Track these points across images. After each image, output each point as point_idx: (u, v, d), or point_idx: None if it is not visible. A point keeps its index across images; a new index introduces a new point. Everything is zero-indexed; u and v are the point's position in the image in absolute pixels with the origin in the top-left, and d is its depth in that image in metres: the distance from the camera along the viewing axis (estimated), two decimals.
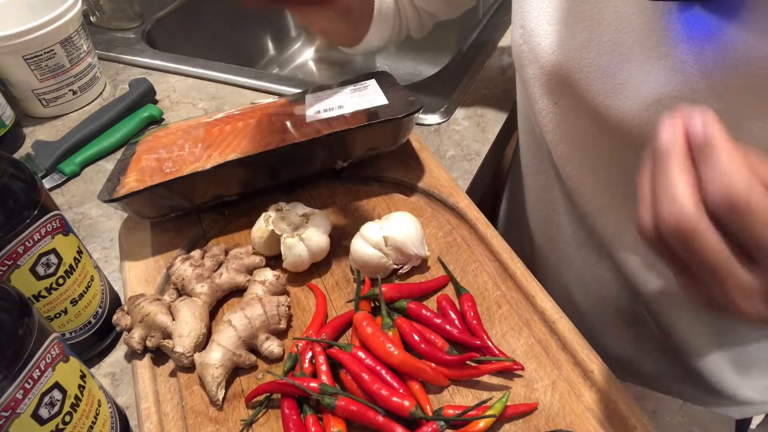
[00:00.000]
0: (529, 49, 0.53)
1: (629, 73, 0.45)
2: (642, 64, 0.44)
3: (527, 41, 0.53)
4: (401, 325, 0.46)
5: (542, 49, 0.51)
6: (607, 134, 0.50)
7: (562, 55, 0.50)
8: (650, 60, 0.44)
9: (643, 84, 0.44)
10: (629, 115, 0.46)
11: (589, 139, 0.52)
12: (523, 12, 0.53)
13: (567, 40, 0.49)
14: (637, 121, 0.46)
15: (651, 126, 0.45)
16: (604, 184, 0.54)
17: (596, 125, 0.50)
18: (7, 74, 0.74)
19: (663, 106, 0.44)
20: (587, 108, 0.49)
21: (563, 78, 0.50)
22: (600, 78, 0.47)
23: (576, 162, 0.55)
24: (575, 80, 0.49)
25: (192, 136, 0.59)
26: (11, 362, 0.32)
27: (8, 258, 0.40)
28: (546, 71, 0.52)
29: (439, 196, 0.58)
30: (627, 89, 0.46)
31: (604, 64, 0.47)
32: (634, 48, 0.44)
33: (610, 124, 0.48)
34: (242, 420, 0.43)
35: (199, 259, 0.52)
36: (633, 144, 0.48)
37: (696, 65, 0.41)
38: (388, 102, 0.57)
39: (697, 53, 0.41)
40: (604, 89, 0.47)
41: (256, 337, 0.47)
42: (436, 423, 0.40)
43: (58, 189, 0.69)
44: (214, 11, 1.08)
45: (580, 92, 0.49)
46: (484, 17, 0.90)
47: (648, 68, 0.44)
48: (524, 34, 0.53)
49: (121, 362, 0.51)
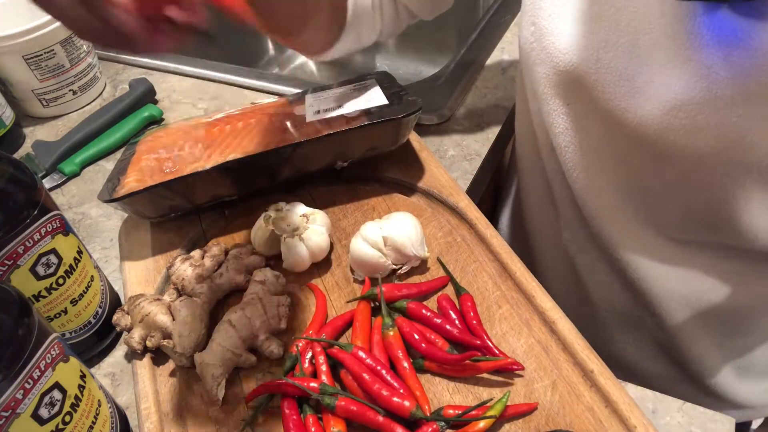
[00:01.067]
0: (541, 48, 0.51)
1: (648, 77, 0.44)
2: (663, 67, 0.43)
3: (539, 39, 0.51)
4: (401, 324, 0.46)
5: (556, 48, 0.50)
6: (621, 138, 0.49)
7: (576, 55, 0.48)
8: (672, 64, 0.42)
9: (663, 89, 0.43)
10: (647, 120, 0.45)
11: (600, 143, 0.51)
12: (536, 9, 0.51)
13: (582, 40, 0.47)
14: (656, 127, 0.44)
15: (671, 132, 0.44)
16: (611, 187, 0.54)
17: (609, 128, 0.49)
18: (7, 74, 0.74)
19: (685, 112, 0.42)
20: (601, 110, 0.48)
21: (577, 79, 0.49)
22: (617, 80, 0.46)
23: (585, 165, 0.54)
24: (590, 82, 0.48)
25: (192, 136, 0.59)
26: (11, 362, 0.32)
27: (8, 258, 0.40)
28: (559, 71, 0.50)
29: (439, 196, 0.58)
30: (646, 93, 0.44)
31: (621, 67, 0.45)
32: (654, 51, 0.43)
33: (625, 128, 0.47)
34: (242, 420, 0.43)
35: (199, 259, 0.52)
36: (647, 149, 0.47)
37: (723, 71, 0.39)
38: (388, 102, 0.57)
39: (724, 58, 0.39)
40: (620, 92, 0.46)
41: (256, 337, 0.47)
42: (436, 423, 0.40)
43: (58, 189, 0.69)
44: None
45: (595, 94, 0.48)
46: (484, 17, 0.90)
47: (669, 72, 0.42)
48: (536, 32, 0.52)
49: (121, 362, 0.51)
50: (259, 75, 0.83)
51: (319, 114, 0.57)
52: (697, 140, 0.43)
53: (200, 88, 0.83)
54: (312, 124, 0.56)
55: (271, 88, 0.81)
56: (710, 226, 0.50)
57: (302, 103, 0.61)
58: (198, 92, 0.82)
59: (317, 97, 0.61)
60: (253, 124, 0.58)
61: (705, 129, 0.42)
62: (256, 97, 0.80)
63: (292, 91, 0.77)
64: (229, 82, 0.83)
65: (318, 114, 0.58)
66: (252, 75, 0.83)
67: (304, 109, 0.59)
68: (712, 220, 0.49)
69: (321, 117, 0.57)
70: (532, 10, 0.52)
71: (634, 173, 0.51)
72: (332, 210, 0.59)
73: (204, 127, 0.60)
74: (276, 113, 0.60)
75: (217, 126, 0.60)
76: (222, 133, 0.58)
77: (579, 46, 0.48)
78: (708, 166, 0.44)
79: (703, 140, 0.43)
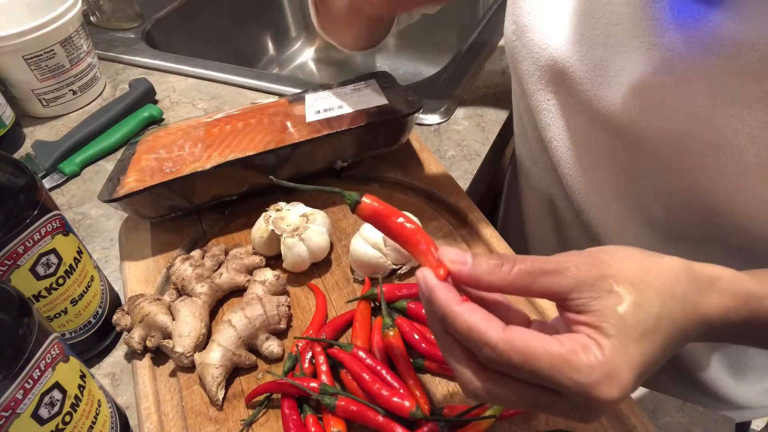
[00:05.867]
0: (523, 45, 0.53)
1: (620, 65, 0.45)
2: (631, 54, 0.44)
3: (520, 37, 0.53)
4: (402, 324, 0.46)
5: (535, 45, 0.51)
6: (601, 129, 0.50)
7: (555, 49, 0.50)
8: (639, 50, 0.43)
9: (633, 75, 0.44)
10: (620, 107, 0.46)
11: (584, 135, 0.52)
12: (516, 8, 0.53)
13: (559, 34, 0.49)
14: (630, 113, 0.46)
15: (644, 117, 0.45)
16: (599, 181, 0.54)
17: (591, 120, 0.50)
18: (7, 74, 0.74)
19: (654, 95, 0.43)
20: (581, 102, 0.50)
21: (558, 73, 0.50)
22: (593, 71, 0.47)
23: (572, 158, 0.55)
24: (569, 74, 0.49)
25: (192, 136, 0.59)
26: (11, 362, 0.32)
27: (8, 258, 0.40)
28: (540, 66, 0.52)
29: (439, 196, 0.58)
30: (619, 81, 0.46)
31: (597, 58, 0.47)
32: (625, 39, 0.44)
33: (603, 117, 0.48)
34: (242, 420, 0.43)
35: (199, 259, 0.52)
36: (626, 137, 0.48)
37: (684, 52, 0.41)
38: (388, 102, 0.57)
39: (685, 40, 0.41)
40: (596, 82, 0.47)
41: (256, 337, 0.47)
42: (436, 423, 0.40)
43: (58, 189, 0.69)
44: (214, 11, 1.08)
45: (574, 86, 0.49)
46: (484, 17, 0.90)
47: (636, 58, 0.44)
48: (517, 29, 0.54)
49: (121, 362, 0.51)
50: (258, 75, 0.83)
51: (319, 114, 0.57)
52: (668, 122, 0.44)
53: (200, 88, 0.83)
54: (312, 124, 0.56)
55: (271, 88, 0.81)
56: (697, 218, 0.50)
57: (302, 103, 0.61)
58: (198, 92, 0.82)
59: (317, 97, 0.61)
60: (253, 124, 0.58)
61: (673, 111, 0.43)
62: (256, 97, 0.80)
63: (292, 91, 0.77)
64: (229, 82, 0.83)
65: (318, 114, 0.58)
66: (252, 75, 0.83)
67: (304, 109, 0.59)
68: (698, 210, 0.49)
69: (321, 117, 0.57)
70: (513, 9, 0.54)
71: (618, 165, 0.51)
72: (332, 210, 0.59)
73: (204, 127, 0.60)
74: (276, 113, 0.60)
75: (217, 126, 0.60)
76: (222, 133, 0.58)
77: (556, 41, 0.50)
78: (683, 150, 0.45)
79: (674, 122, 0.44)
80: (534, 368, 0.28)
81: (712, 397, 0.64)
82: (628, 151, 0.50)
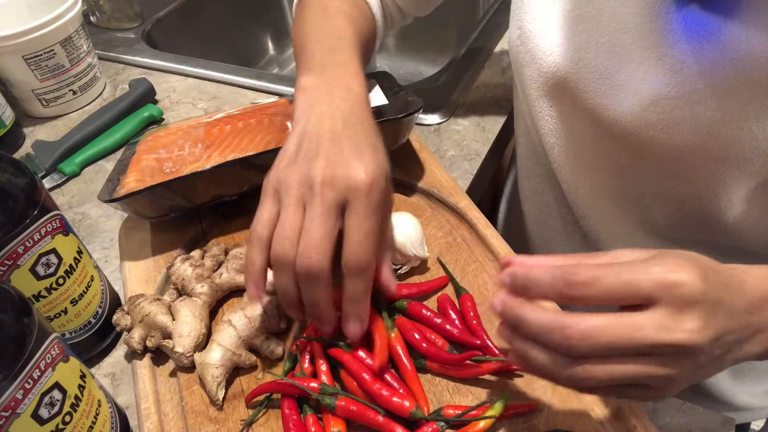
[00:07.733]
0: (527, 51, 0.53)
1: (627, 74, 0.45)
2: (640, 64, 0.44)
3: (524, 42, 0.53)
4: (402, 324, 0.46)
5: (540, 51, 0.51)
6: (605, 136, 0.49)
7: (560, 56, 0.49)
8: (648, 60, 0.43)
9: (641, 85, 0.44)
10: (626, 117, 0.46)
11: (586, 142, 0.52)
12: (521, 13, 0.53)
13: (565, 41, 0.49)
14: (636, 123, 0.45)
15: (650, 128, 0.45)
16: (599, 187, 0.54)
17: (594, 127, 0.50)
18: (7, 74, 0.74)
19: (661, 107, 0.43)
20: (585, 110, 0.49)
21: (561, 80, 0.50)
22: (598, 79, 0.47)
23: (572, 165, 0.55)
24: (573, 81, 0.49)
25: (192, 136, 0.59)
26: (11, 362, 0.32)
27: (8, 258, 0.40)
28: (543, 73, 0.52)
29: (439, 196, 0.58)
30: (625, 90, 0.45)
31: (602, 66, 0.46)
32: (633, 48, 0.44)
33: (607, 125, 0.48)
34: (242, 420, 0.43)
35: (199, 259, 0.52)
36: (630, 146, 0.48)
37: (694, 65, 0.40)
38: (388, 102, 0.57)
39: (696, 52, 0.40)
40: (602, 90, 0.47)
41: (256, 336, 0.47)
42: (436, 423, 0.40)
43: (58, 189, 0.69)
44: (214, 11, 1.08)
45: (578, 94, 0.49)
46: (483, 18, 0.90)
47: (646, 68, 0.43)
48: (522, 35, 0.53)
49: (121, 362, 0.51)
50: (258, 75, 0.83)
51: None
52: (675, 135, 0.44)
53: (200, 88, 0.83)
54: None
55: (270, 88, 0.81)
56: (697, 224, 0.50)
57: None
58: (198, 92, 0.82)
59: None
60: (253, 124, 0.58)
61: (681, 123, 0.43)
62: (256, 97, 0.80)
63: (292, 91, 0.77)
64: (229, 82, 0.83)
65: None
66: (252, 75, 0.83)
67: None
68: (698, 217, 0.49)
69: None
70: (518, 15, 0.54)
71: (620, 172, 0.51)
72: None
73: (204, 127, 0.60)
74: (276, 113, 0.60)
75: (217, 126, 0.60)
76: (222, 133, 0.58)
77: (562, 48, 0.49)
78: (688, 161, 0.45)
79: (681, 135, 0.43)
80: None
81: (712, 398, 0.64)
82: (631, 158, 0.49)
